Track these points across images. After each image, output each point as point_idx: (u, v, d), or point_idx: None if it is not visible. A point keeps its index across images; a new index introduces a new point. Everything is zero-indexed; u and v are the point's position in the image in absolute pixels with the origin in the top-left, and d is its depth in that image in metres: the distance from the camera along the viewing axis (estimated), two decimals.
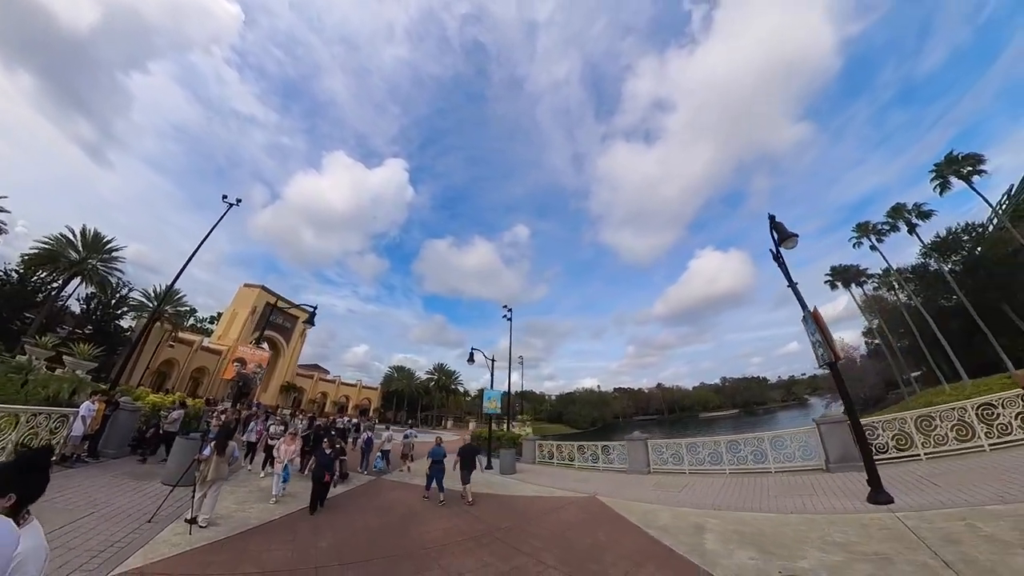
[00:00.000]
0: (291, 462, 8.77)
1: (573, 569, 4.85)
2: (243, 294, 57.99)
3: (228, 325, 55.41)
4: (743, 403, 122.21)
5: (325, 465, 7.90)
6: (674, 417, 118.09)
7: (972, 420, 8.44)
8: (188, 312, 61.26)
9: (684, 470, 11.37)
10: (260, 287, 58.55)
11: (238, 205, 20.21)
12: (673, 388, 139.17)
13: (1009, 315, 35.28)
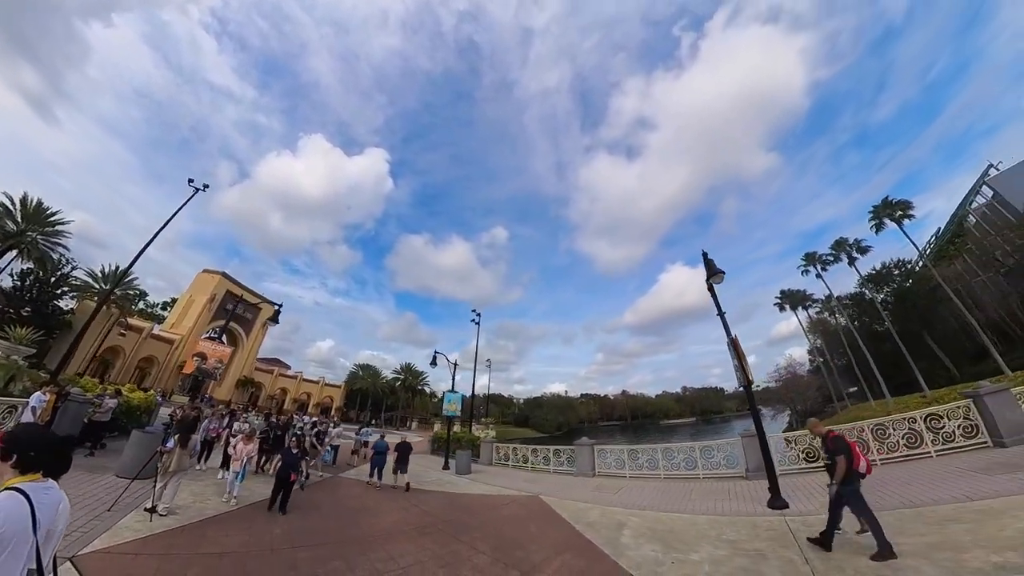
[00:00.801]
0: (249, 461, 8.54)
1: (500, 554, 5.71)
2: (202, 280, 55.24)
3: (183, 312, 52.69)
4: (701, 411, 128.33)
5: (291, 464, 7.77)
6: (636, 423, 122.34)
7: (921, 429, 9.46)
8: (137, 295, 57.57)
9: (625, 474, 12.54)
10: (221, 274, 55.91)
11: (205, 191, 19.82)
12: (637, 396, 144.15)
13: (928, 342, 39.71)
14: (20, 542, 1.81)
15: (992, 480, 6.75)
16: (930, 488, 7.03)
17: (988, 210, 40.68)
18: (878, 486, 7.52)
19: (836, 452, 5.16)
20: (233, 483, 7.86)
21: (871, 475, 5.54)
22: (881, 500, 6.63)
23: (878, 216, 34.09)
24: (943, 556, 4.38)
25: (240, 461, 8.15)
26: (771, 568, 4.86)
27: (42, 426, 2.89)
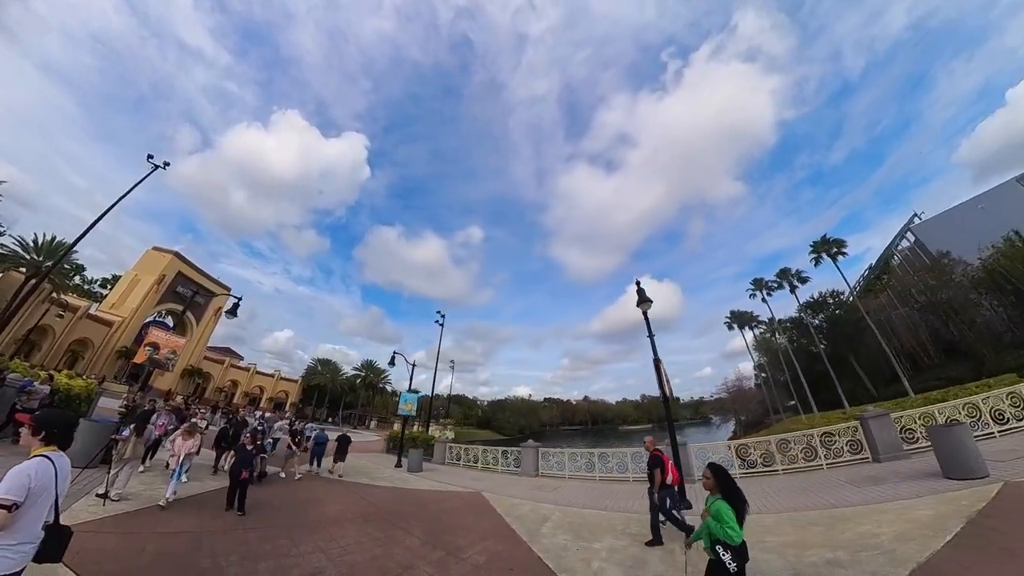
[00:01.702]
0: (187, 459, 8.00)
1: (432, 538, 6.64)
2: (150, 258, 51.81)
3: (126, 292, 49.25)
4: (657, 419, 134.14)
5: (244, 461, 7.67)
6: (596, 428, 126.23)
7: (816, 445, 11.00)
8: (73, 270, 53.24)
9: (565, 475, 13.76)
10: (173, 253, 52.69)
11: (165, 169, 19.12)
12: (598, 401, 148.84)
13: (854, 365, 44.32)
14: (47, 495, 2.60)
15: (858, 491, 8.03)
16: (811, 496, 8.31)
17: (910, 253, 46.10)
18: (774, 493, 9.00)
19: (653, 467, 6.59)
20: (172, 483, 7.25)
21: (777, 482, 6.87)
22: (770, 504, 8.02)
23: (817, 251, 38.30)
24: (791, 552, 5.43)
25: (177, 458, 7.64)
26: (654, 557, 5.94)
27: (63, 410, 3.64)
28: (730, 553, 3.41)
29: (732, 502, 3.59)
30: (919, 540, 5.16)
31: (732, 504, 3.56)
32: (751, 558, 3.74)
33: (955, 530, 5.30)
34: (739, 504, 3.59)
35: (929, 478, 7.92)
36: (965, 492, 6.77)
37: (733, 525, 3.43)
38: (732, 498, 3.62)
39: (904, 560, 4.66)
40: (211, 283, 58.01)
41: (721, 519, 3.49)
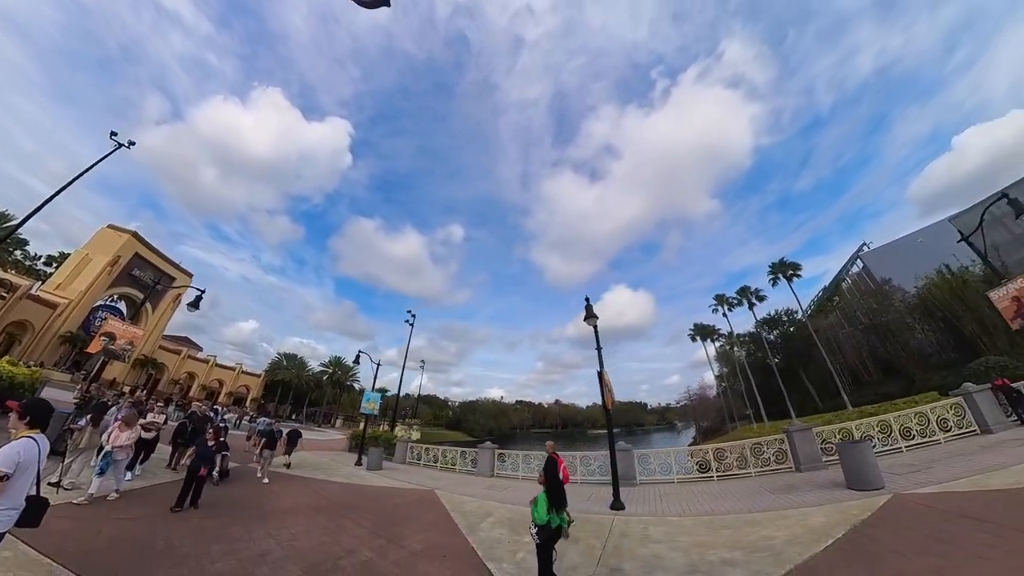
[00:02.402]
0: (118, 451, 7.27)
1: (378, 528, 7.31)
2: (105, 237, 48.68)
3: (75, 272, 46.24)
4: (625, 423, 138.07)
5: (204, 457, 7.51)
6: (566, 432, 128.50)
7: (747, 454, 12.08)
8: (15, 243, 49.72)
9: (518, 476, 14.60)
10: (131, 233, 49.71)
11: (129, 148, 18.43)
12: (569, 405, 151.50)
13: (803, 378, 47.62)
14: (32, 470, 3.17)
15: (773, 498, 8.77)
16: (733, 501, 9.02)
17: (858, 278, 50.06)
18: (703, 497, 9.81)
19: (544, 468, 7.58)
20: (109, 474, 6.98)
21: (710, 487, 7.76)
22: (696, 508, 8.82)
23: (775, 272, 41.55)
24: (696, 551, 6.04)
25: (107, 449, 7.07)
26: (575, 549, 6.52)
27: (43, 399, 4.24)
28: (536, 529, 4.74)
29: (549, 495, 4.91)
30: (805, 544, 5.76)
31: (549, 496, 4.86)
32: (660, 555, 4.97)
33: (837, 536, 5.92)
34: (554, 496, 4.92)
35: (835, 488, 8.66)
36: (858, 502, 7.42)
37: (541, 510, 4.74)
38: (550, 492, 4.95)
39: (786, 561, 5.27)
40: (171, 267, 55.54)
41: (536, 505, 4.80)
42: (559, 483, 5.18)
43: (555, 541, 4.89)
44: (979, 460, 8.84)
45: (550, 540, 4.76)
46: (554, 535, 4.83)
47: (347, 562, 5.70)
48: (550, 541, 4.75)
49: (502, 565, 5.79)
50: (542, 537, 4.71)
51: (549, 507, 4.79)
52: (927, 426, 11.98)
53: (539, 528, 4.74)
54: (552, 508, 4.83)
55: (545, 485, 5.10)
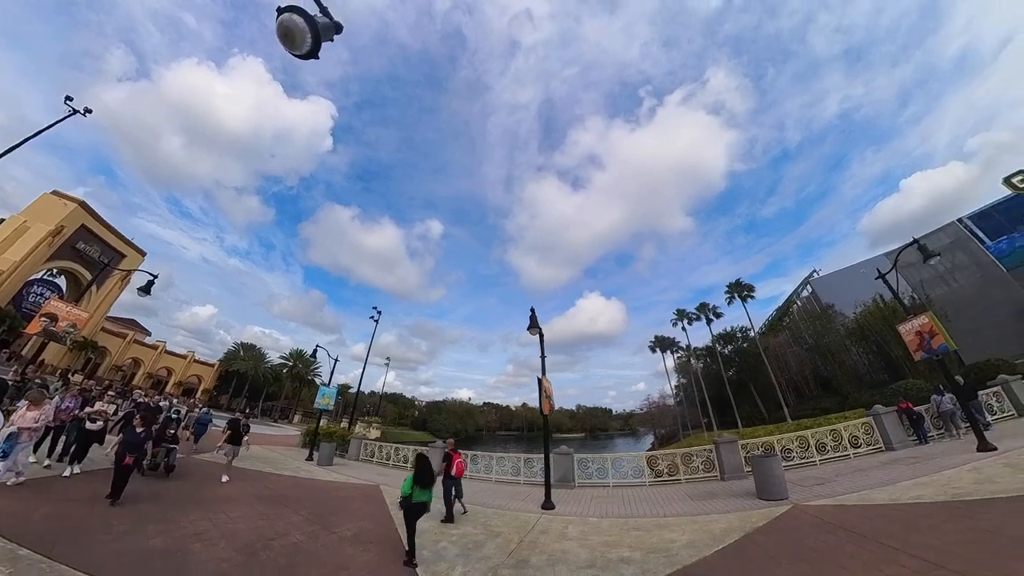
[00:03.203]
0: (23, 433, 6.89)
1: (315, 517, 7.95)
2: (47, 204, 44.27)
3: (9, 240, 42.09)
4: (590, 428, 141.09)
5: (131, 445, 7.22)
6: (532, 435, 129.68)
7: (678, 463, 13.05)
8: None
9: (465, 475, 15.06)
10: (78, 202, 45.58)
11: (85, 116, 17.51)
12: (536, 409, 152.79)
13: (752, 391, 50.72)
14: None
15: (691, 504, 9.46)
16: (655, 506, 9.68)
17: (807, 302, 53.92)
18: (631, 501, 10.48)
19: (443, 461, 8.57)
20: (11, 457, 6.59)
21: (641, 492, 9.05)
22: (619, 511, 9.44)
23: (731, 292, 44.99)
24: (601, 549, 6.54)
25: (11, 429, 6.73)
26: (493, 542, 7.15)
27: None
28: (400, 500, 6.48)
29: (415, 476, 6.57)
30: (700, 547, 6.21)
31: (415, 477, 6.54)
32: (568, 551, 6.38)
33: (730, 541, 6.35)
34: (420, 478, 6.58)
35: (747, 497, 9.31)
36: (761, 511, 7.93)
37: (405, 486, 6.48)
38: (417, 475, 6.59)
39: (677, 562, 5.71)
40: (123, 243, 52.05)
41: (405, 482, 6.51)
42: (429, 469, 6.70)
43: (419, 514, 6.43)
44: (874, 475, 9.67)
45: (412, 511, 6.32)
46: (417, 508, 6.39)
47: (278, 543, 6.23)
48: (412, 512, 6.32)
49: (422, 552, 6.40)
50: (404, 507, 6.38)
51: (413, 485, 6.43)
52: (840, 442, 13.24)
53: (402, 499, 6.44)
54: (416, 486, 6.46)
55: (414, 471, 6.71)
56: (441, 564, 6.04)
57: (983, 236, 38.28)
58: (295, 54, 3.53)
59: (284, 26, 3.29)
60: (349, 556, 6.14)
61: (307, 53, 3.54)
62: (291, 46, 3.42)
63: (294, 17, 3.28)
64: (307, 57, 3.59)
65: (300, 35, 3.36)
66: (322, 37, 3.53)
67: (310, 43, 3.43)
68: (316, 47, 3.51)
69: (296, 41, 3.39)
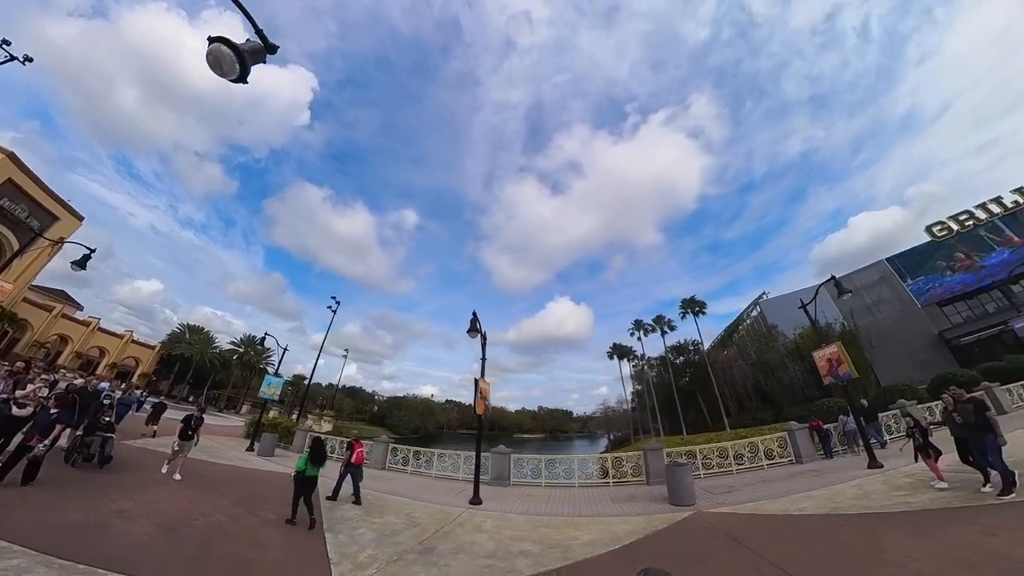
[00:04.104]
0: None
1: (241, 501, 8.24)
2: None
3: None
4: (550, 430, 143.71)
5: (41, 426, 6.93)
6: (493, 435, 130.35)
7: (608, 467, 13.87)
8: None
9: (407, 470, 15.54)
10: (6, 152, 40.53)
11: (24, 64, 16.15)
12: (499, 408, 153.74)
13: (700, 401, 53.82)
14: None
15: (609, 506, 10.14)
16: (577, 506, 10.26)
17: (755, 321, 57.87)
18: (556, 500, 11.10)
19: (349, 448, 9.68)
20: None
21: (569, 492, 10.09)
22: (542, 509, 10.02)
23: (685, 308, 48.18)
24: (508, 542, 7.01)
25: None
26: (411, 531, 7.61)
27: None
28: (295, 473, 7.69)
29: (310, 455, 7.89)
30: (597, 545, 6.62)
31: (310, 456, 7.86)
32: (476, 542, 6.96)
33: (627, 542, 6.74)
34: (314, 456, 7.90)
35: (661, 502, 9.94)
36: (666, 515, 8.41)
37: (299, 462, 7.80)
38: (312, 454, 7.91)
39: (572, 557, 6.16)
40: (56, 204, 46.68)
41: (300, 459, 7.85)
42: (322, 451, 8.21)
43: (309, 487, 7.60)
44: (777, 486, 10.29)
45: (303, 483, 7.58)
46: (307, 482, 7.60)
47: (200, 522, 6.59)
48: (303, 484, 7.57)
49: (338, 537, 6.82)
50: (296, 480, 7.64)
51: (307, 463, 7.73)
52: (756, 454, 14.45)
53: (296, 473, 7.72)
54: (309, 464, 7.74)
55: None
56: (353, 546, 6.50)
57: (905, 274, 42.89)
58: (228, 79, 3.90)
59: (212, 55, 3.69)
60: (267, 536, 6.52)
61: (236, 78, 3.93)
62: (220, 73, 3.81)
63: (222, 48, 3.66)
64: (237, 81, 3.98)
65: (228, 63, 3.76)
66: (251, 61, 3.94)
67: (238, 70, 3.83)
68: (245, 72, 3.91)
69: (225, 68, 3.79)
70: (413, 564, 5.83)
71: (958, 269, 40.00)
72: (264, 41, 4.16)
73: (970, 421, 7.03)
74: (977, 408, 7.02)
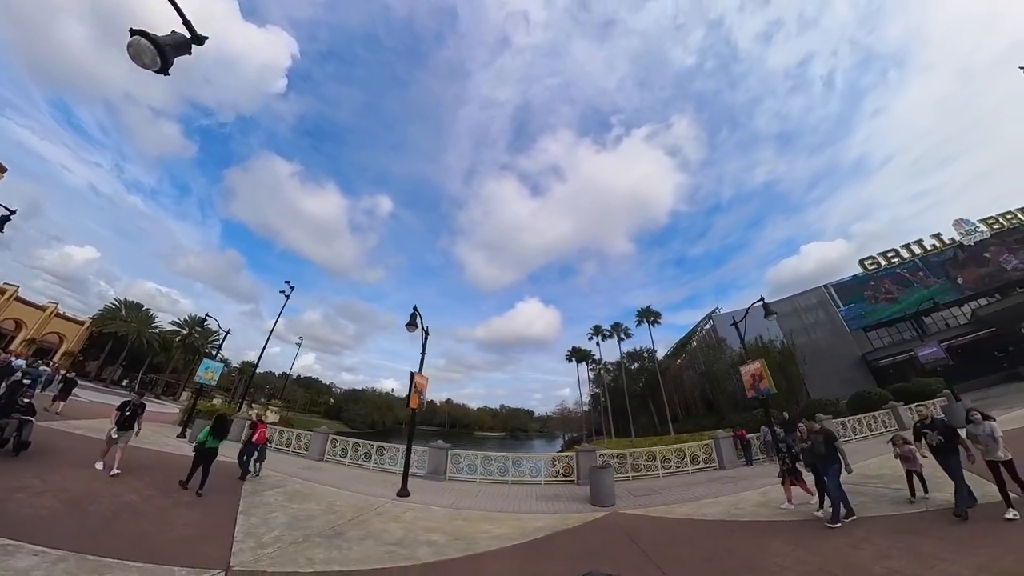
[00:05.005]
0: None
1: (160, 484, 8.11)
2: None
3: None
4: (511, 429, 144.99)
5: None
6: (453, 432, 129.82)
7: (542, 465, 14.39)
8: None
9: (345, 462, 15.54)
10: None
11: None
12: (460, 406, 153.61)
13: (650, 406, 56.44)
14: None
15: (533, 503, 10.47)
16: (500, 502, 10.48)
17: (707, 334, 61.38)
18: (483, 495, 11.37)
19: (251, 428, 10.46)
20: None
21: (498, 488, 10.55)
22: (463, 503, 10.21)
23: (641, 317, 50.81)
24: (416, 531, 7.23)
25: None
26: (326, 517, 7.65)
27: None
28: (195, 444, 8.47)
29: (212, 428, 8.52)
30: (504, 539, 6.87)
31: (211, 429, 8.51)
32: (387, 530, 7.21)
33: (534, 537, 7.06)
34: (215, 429, 8.50)
35: (582, 502, 10.28)
36: (581, 515, 8.66)
37: (201, 435, 8.52)
38: (213, 428, 8.53)
39: (473, 549, 6.39)
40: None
41: (203, 431, 8.63)
42: (223, 425, 8.77)
43: (209, 458, 8.31)
44: (694, 491, 10.78)
45: (203, 454, 8.27)
46: (207, 453, 8.30)
47: (109, 500, 6.60)
48: (203, 455, 8.26)
49: (250, 519, 7.00)
50: (196, 450, 8.37)
51: (208, 435, 8.41)
52: (684, 459, 15.35)
53: (197, 444, 8.46)
54: (210, 436, 8.41)
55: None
56: (262, 528, 6.69)
57: (839, 301, 47.15)
58: (151, 71, 4.06)
59: (133, 48, 3.86)
60: (177, 515, 6.58)
61: (159, 69, 4.11)
62: (142, 64, 3.98)
63: (142, 41, 3.84)
64: (160, 72, 4.16)
65: (149, 56, 3.94)
66: (173, 54, 4.12)
67: (159, 62, 4.02)
68: (166, 64, 4.09)
69: (146, 61, 3.97)
70: (316, 546, 6.07)
71: (882, 300, 44.64)
72: (191, 32, 4.34)
73: (820, 451, 7.26)
74: (827, 439, 7.31)
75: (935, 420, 7.17)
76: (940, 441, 6.80)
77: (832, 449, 7.18)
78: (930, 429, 7.05)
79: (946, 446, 6.74)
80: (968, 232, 41.90)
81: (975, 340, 37.54)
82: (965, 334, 38.40)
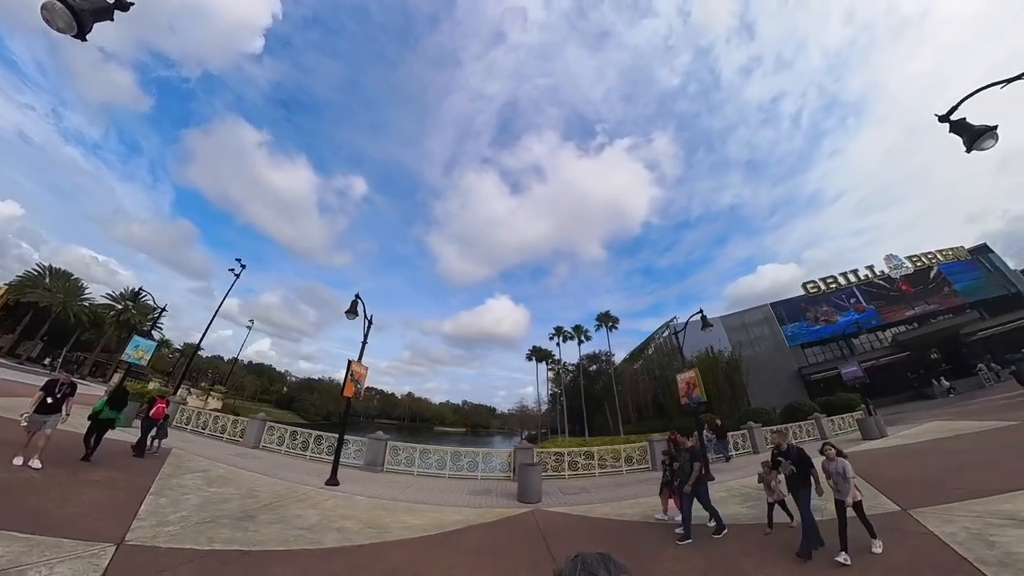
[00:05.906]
0: None
1: (70, 467, 7.70)
2: None
3: None
4: (472, 424, 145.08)
5: None
6: (414, 426, 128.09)
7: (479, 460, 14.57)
8: None
9: (281, 450, 15.27)
10: None
11: None
12: (422, 400, 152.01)
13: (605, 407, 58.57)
14: None
15: (463, 496, 10.70)
16: (429, 495, 10.61)
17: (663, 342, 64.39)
18: (415, 488, 11.32)
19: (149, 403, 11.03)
20: None
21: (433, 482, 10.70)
22: (390, 494, 10.19)
23: (600, 322, 53.43)
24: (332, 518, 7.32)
25: None
26: (242, 501, 7.68)
27: None
28: (90, 414, 8.81)
29: (109, 399, 9.11)
30: (417, 530, 6.99)
31: (108, 400, 9.09)
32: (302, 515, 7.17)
33: (447, 529, 7.19)
34: (112, 400, 9.11)
35: (509, 498, 10.42)
36: (503, 511, 8.73)
37: (97, 405, 9.12)
38: (110, 398, 9.13)
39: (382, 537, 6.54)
40: None
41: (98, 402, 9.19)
42: (121, 397, 9.49)
43: (104, 428, 8.82)
44: (621, 491, 11.03)
45: (97, 424, 8.68)
46: (102, 423, 8.78)
47: (6, 477, 6.27)
48: (97, 425, 8.67)
49: (160, 500, 6.87)
50: (91, 419, 8.64)
51: (103, 405, 8.91)
52: (619, 459, 15.93)
53: (92, 413, 8.79)
54: (107, 407, 8.93)
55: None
56: (169, 508, 6.60)
57: (784, 319, 51.07)
58: (68, 35, 4.00)
59: (46, 11, 3.79)
60: (78, 493, 6.36)
61: (76, 34, 4.06)
62: (57, 28, 3.91)
63: (56, 4, 3.79)
64: (77, 37, 4.10)
65: (65, 20, 3.88)
66: (91, 20, 4.02)
67: (76, 27, 3.96)
68: (83, 30, 4.04)
69: (61, 25, 3.90)
70: (222, 528, 6.05)
71: (820, 321, 48.86)
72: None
73: (686, 469, 7.27)
74: (693, 456, 7.41)
75: (790, 448, 6.73)
76: (792, 471, 6.42)
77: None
78: (784, 457, 6.63)
79: (798, 478, 6.35)
80: (896, 266, 46.98)
81: (894, 361, 42.06)
82: (886, 355, 42.91)
